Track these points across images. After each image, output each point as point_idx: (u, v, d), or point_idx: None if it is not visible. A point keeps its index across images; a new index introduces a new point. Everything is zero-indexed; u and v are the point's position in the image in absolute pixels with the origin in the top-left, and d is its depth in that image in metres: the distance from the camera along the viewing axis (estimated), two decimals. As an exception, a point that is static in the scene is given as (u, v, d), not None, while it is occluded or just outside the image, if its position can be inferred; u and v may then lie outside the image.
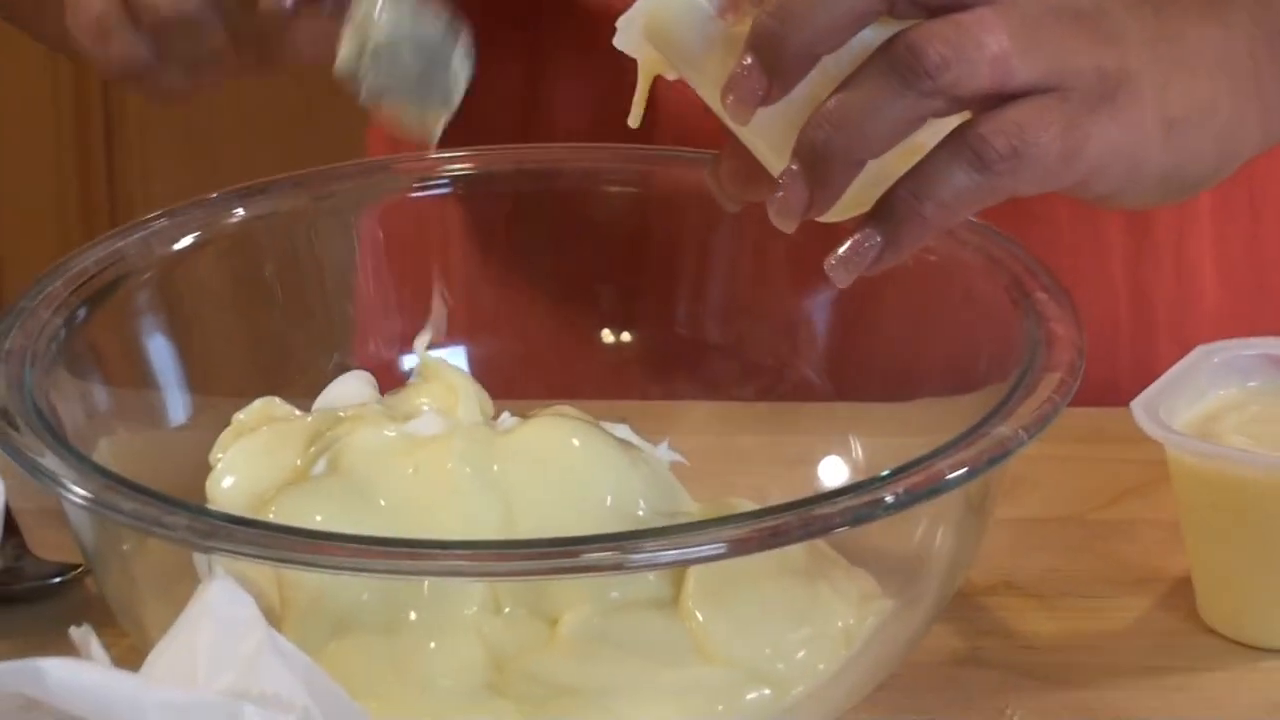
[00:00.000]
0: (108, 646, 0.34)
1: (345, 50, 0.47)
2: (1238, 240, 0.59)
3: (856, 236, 0.38)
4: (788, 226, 0.39)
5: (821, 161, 0.38)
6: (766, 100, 0.38)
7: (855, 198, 0.38)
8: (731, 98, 0.38)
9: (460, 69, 0.48)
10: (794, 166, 0.38)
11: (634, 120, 0.44)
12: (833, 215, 0.39)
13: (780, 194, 0.38)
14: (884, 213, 0.38)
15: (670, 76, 0.42)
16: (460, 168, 0.50)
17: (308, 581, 0.40)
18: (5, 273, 1.36)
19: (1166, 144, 0.41)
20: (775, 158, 0.39)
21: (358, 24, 0.46)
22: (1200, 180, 0.43)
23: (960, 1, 0.38)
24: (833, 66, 0.38)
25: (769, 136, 0.39)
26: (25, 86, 1.36)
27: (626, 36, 0.42)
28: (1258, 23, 0.44)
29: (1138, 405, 0.41)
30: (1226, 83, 0.43)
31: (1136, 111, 0.40)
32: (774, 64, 0.37)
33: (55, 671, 0.32)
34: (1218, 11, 0.44)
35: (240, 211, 0.47)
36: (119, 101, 1.34)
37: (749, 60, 0.37)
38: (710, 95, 0.40)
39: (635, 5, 0.41)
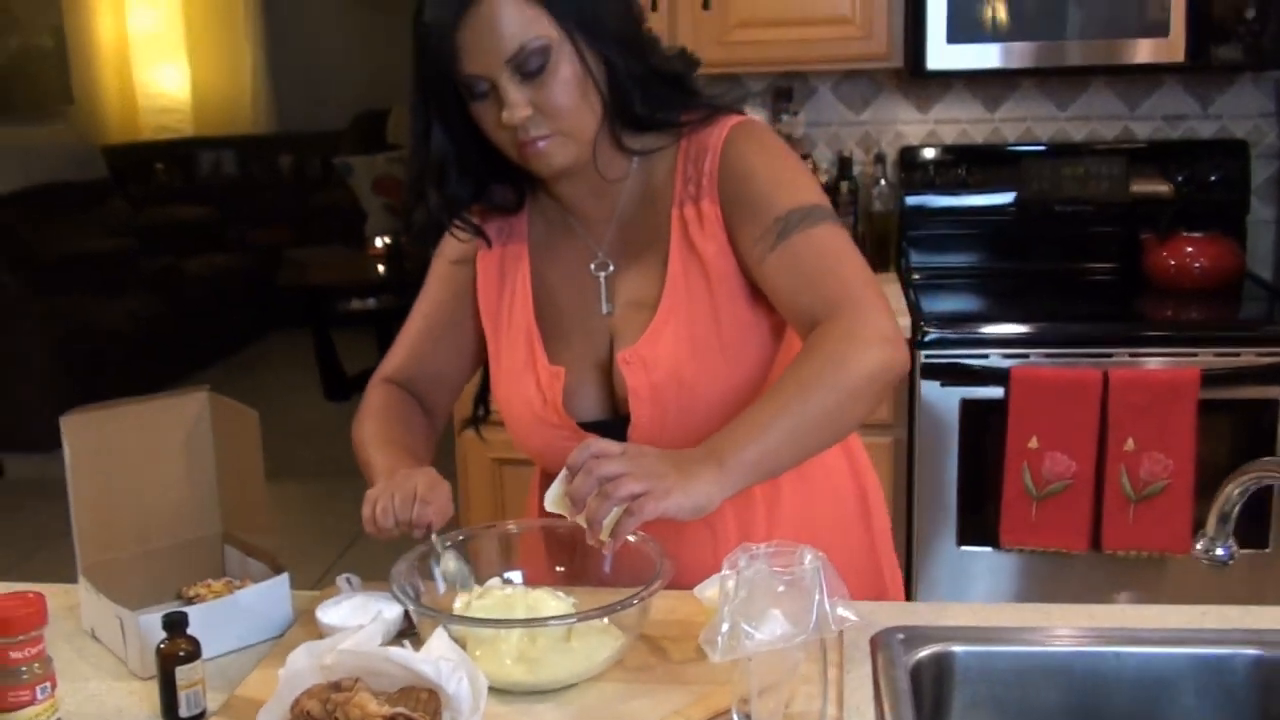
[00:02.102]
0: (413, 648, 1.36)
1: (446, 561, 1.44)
2: (755, 530, 1.53)
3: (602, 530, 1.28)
4: (593, 538, 1.29)
5: (588, 510, 1.26)
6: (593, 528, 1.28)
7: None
8: (591, 530, 1.26)
9: (470, 580, 1.44)
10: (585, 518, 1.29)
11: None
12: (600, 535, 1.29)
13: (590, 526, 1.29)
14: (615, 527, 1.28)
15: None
16: (509, 530, 1.52)
17: (467, 631, 1.33)
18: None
19: (684, 498, 1.24)
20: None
21: (442, 569, 1.43)
22: (702, 510, 1.25)
23: (613, 473, 1.25)
24: None
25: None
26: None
27: (551, 505, 1.33)
28: (725, 466, 1.28)
29: (696, 590, 1.39)
30: (705, 479, 1.26)
31: (678, 489, 1.24)
32: (594, 521, 1.27)
33: (395, 653, 1.23)
34: (703, 461, 1.27)
35: (463, 538, 1.47)
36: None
37: (587, 523, 1.27)
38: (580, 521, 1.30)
39: (548, 496, 1.33)
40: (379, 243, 6.68)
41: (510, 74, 1.41)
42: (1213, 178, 3.38)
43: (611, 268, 1.56)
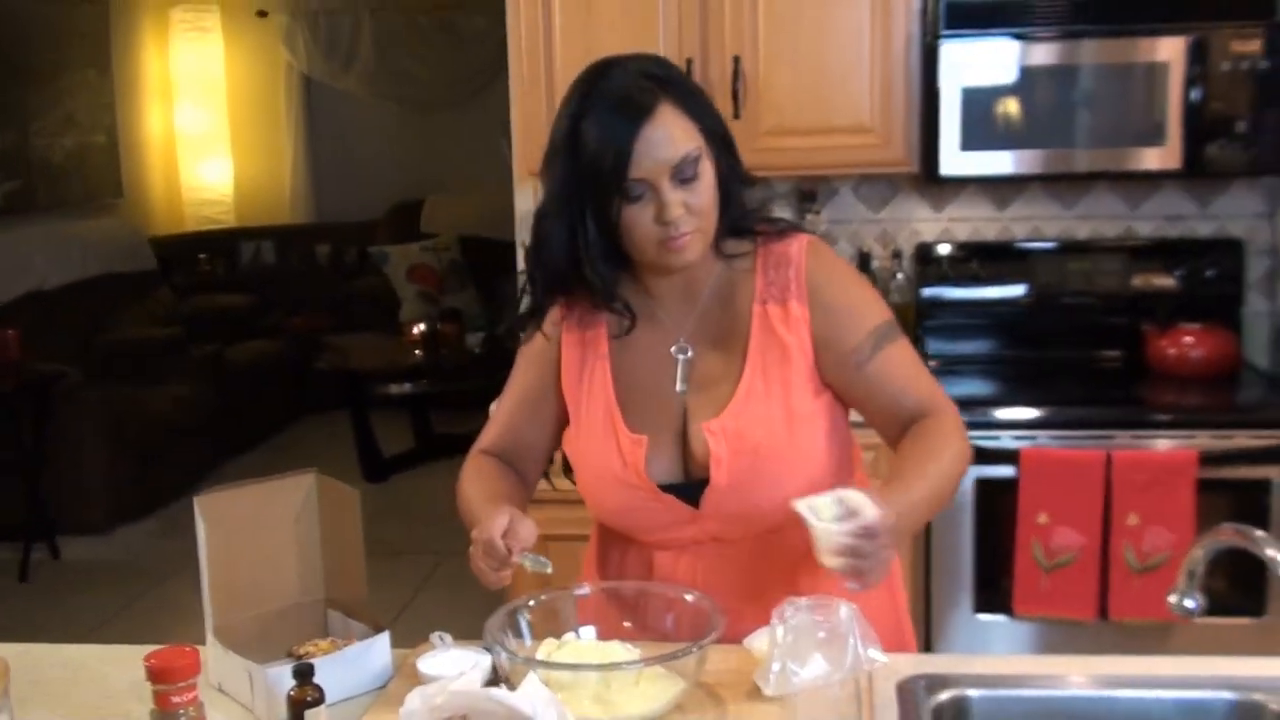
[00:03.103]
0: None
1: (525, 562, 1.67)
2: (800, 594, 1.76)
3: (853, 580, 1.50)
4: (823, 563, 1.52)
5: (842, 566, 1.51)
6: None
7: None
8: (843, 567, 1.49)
9: (546, 566, 1.67)
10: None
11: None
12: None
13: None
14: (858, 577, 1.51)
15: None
16: (582, 592, 1.75)
17: (549, 676, 1.56)
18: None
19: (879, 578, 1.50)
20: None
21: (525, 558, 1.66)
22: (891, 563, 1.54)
23: (868, 551, 1.47)
24: None
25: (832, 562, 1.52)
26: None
27: (800, 508, 1.51)
28: (901, 538, 1.55)
29: (745, 641, 1.63)
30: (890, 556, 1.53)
31: (877, 571, 1.49)
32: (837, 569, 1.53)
33: (496, 693, 1.52)
34: (898, 542, 1.53)
35: (545, 598, 1.73)
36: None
37: (841, 561, 1.50)
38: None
39: (806, 501, 1.52)
40: (415, 329, 6.93)
41: (670, 179, 1.66)
42: (1210, 273, 3.62)
43: (690, 352, 1.81)
